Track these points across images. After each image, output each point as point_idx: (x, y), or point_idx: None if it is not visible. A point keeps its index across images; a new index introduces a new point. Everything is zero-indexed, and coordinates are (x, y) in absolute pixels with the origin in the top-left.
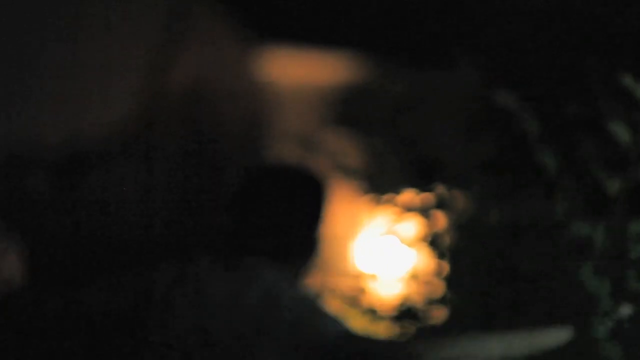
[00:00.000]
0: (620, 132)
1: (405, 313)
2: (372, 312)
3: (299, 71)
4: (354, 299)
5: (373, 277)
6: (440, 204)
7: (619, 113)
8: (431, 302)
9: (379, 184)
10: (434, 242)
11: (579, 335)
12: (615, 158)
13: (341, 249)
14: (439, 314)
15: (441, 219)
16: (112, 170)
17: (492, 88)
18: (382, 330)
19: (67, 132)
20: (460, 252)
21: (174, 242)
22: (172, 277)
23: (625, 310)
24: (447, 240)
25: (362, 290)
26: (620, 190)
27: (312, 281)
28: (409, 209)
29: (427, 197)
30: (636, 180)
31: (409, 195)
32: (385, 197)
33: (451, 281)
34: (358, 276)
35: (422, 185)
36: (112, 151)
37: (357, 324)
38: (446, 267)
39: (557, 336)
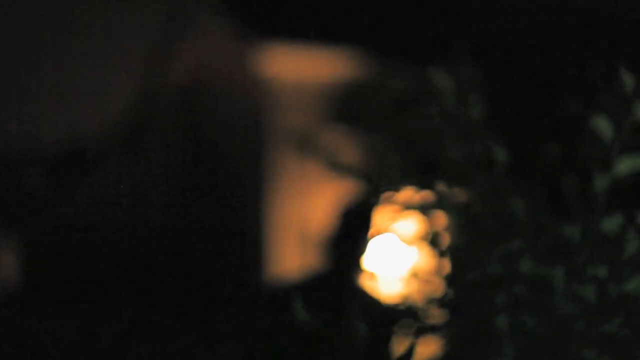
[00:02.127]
0: (603, 127)
1: (405, 312)
2: None
3: (298, 68)
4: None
5: (372, 275)
6: (441, 202)
7: (604, 107)
8: (431, 301)
9: (379, 182)
10: (434, 240)
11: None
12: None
13: None
14: (439, 313)
15: (441, 217)
16: (110, 167)
17: (493, 85)
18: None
19: (65, 130)
20: (461, 251)
21: (173, 240)
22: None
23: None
24: (447, 239)
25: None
26: (606, 187)
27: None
28: (408, 207)
29: (427, 195)
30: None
31: (408, 193)
32: (385, 195)
33: (452, 280)
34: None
35: (423, 183)
36: (110, 149)
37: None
38: (447, 265)
39: None
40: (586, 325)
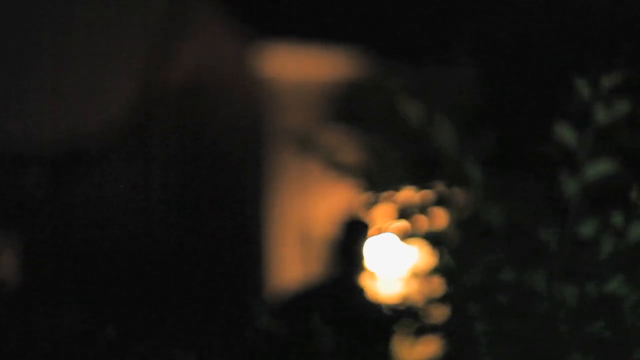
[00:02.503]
0: (566, 133)
1: (406, 311)
2: None
3: (298, 67)
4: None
5: (373, 275)
6: (441, 202)
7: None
8: (432, 300)
9: (378, 181)
10: (434, 240)
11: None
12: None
13: None
14: (440, 312)
15: (441, 217)
16: (110, 167)
17: (491, 84)
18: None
19: (64, 129)
20: (461, 250)
21: (173, 239)
22: None
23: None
24: (447, 238)
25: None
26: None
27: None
28: (408, 206)
29: (427, 194)
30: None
31: (408, 193)
32: (385, 194)
33: (452, 279)
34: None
35: (422, 182)
36: (110, 148)
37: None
38: (447, 265)
39: None
40: (570, 328)
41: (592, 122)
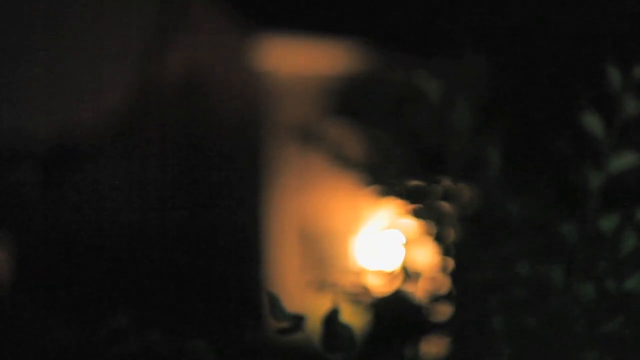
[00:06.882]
0: (593, 124)
1: (409, 309)
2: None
3: (299, 60)
4: (356, 295)
5: (376, 272)
6: (446, 197)
7: (594, 103)
8: (436, 298)
9: (382, 176)
10: (439, 236)
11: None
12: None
13: (343, 244)
14: (444, 310)
15: (447, 212)
16: (104, 163)
17: (499, 76)
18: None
19: (58, 125)
20: (466, 247)
21: (170, 237)
22: None
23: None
24: (452, 235)
25: (364, 286)
26: (599, 185)
27: (314, 277)
28: (413, 202)
29: (432, 189)
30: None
31: (413, 188)
32: (389, 189)
33: (456, 277)
34: (360, 271)
35: (427, 177)
36: (104, 144)
37: (359, 320)
38: (451, 262)
39: None
40: (586, 325)
41: (621, 113)
